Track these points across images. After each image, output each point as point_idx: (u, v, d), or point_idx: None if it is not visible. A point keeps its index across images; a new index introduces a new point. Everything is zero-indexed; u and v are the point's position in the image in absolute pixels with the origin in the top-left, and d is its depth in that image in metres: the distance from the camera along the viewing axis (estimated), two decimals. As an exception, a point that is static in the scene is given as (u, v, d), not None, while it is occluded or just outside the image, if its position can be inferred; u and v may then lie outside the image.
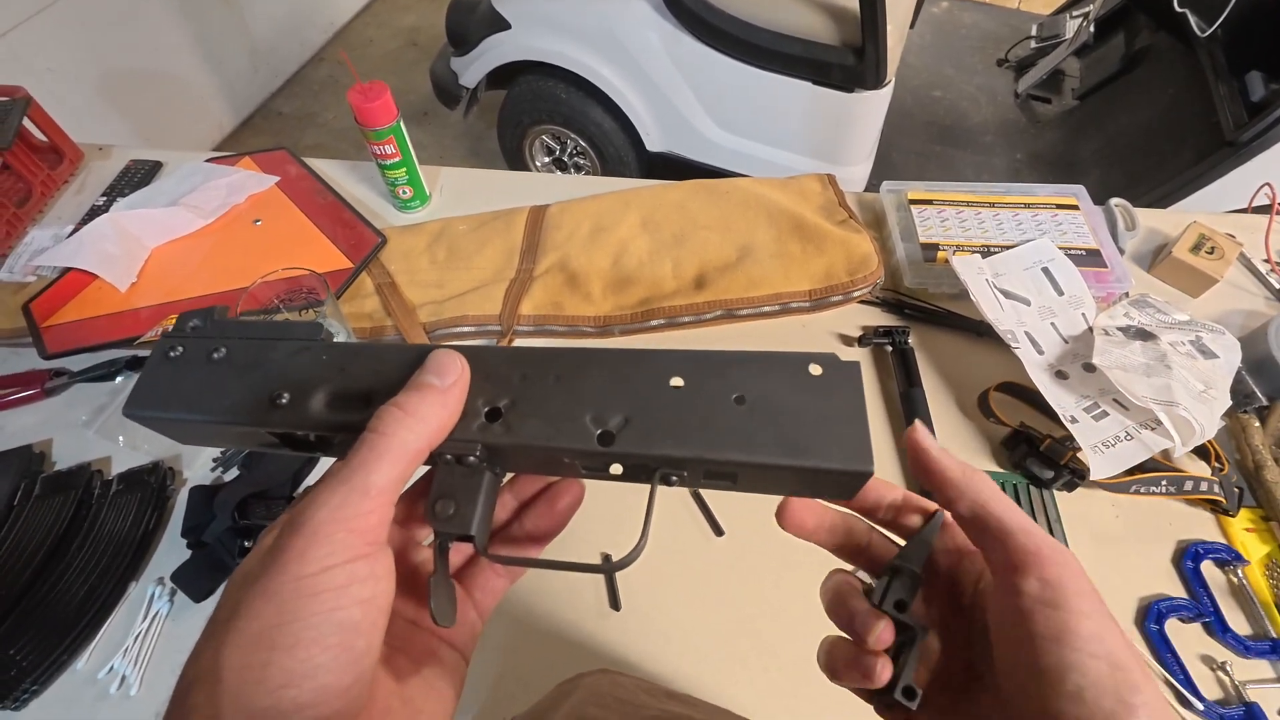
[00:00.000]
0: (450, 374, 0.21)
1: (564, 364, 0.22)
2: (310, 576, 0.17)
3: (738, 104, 1.47)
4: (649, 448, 0.21)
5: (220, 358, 0.24)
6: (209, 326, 0.25)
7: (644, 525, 0.21)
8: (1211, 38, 1.42)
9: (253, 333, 0.25)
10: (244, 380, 0.24)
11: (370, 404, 0.22)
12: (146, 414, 0.24)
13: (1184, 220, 0.79)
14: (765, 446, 0.20)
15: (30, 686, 0.50)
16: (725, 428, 0.21)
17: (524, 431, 0.22)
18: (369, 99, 0.74)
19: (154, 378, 0.24)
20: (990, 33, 2.14)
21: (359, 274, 0.75)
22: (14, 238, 0.81)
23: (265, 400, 0.23)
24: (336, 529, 0.18)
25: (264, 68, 2.32)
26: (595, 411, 0.21)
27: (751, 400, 0.21)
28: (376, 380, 0.23)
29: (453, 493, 0.22)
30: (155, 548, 0.58)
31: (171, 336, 0.25)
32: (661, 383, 0.22)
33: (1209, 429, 0.57)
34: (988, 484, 0.23)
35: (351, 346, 0.24)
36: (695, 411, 0.21)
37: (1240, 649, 0.53)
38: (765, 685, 0.52)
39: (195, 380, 0.24)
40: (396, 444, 0.20)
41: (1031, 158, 1.78)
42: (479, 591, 0.26)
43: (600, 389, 0.22)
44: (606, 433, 0.21)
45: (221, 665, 0.17)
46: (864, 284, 0.71)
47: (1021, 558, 0.20)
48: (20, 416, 0.66)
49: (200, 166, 0.85)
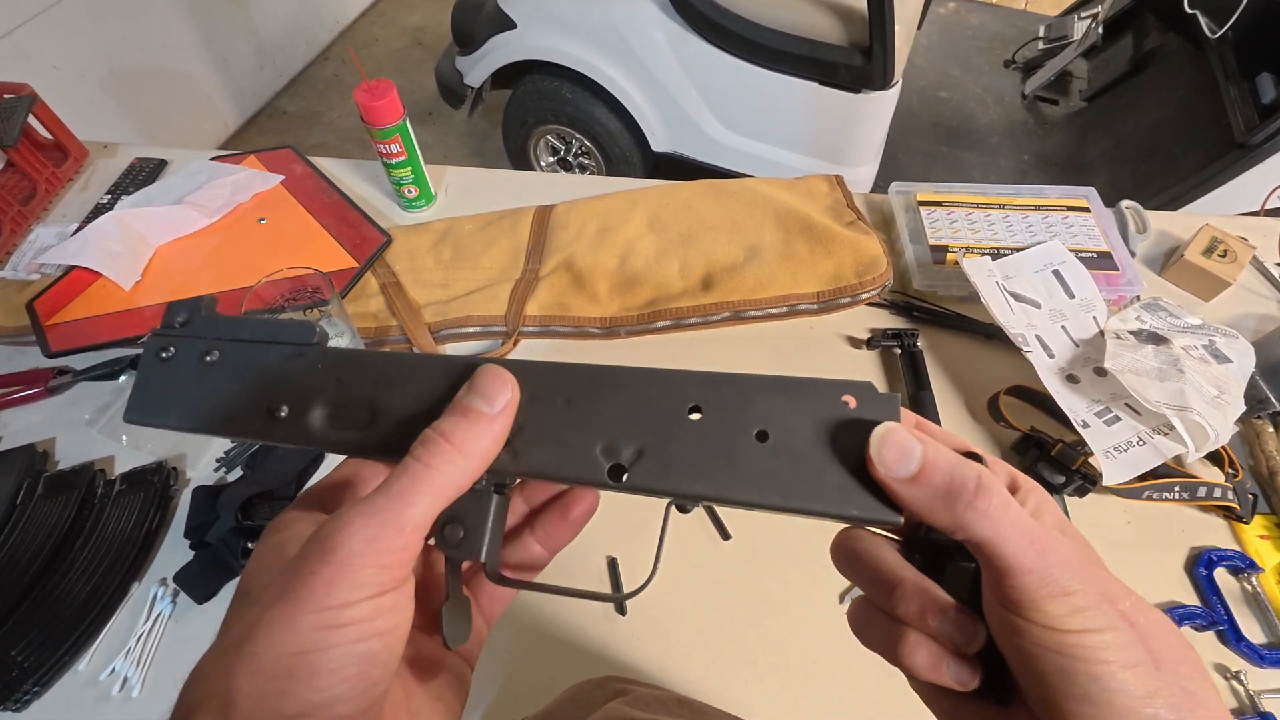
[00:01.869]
0: (500, 398, 0.20)
1: (575, 385, 0.21)
2: (335, 609, 0.17)
3: (744, 104, 1.47)
4: (662, 484, 0.20)
5: (213, 361, 0.23)
6: (199, 323, 0.24)
7: (656, 555, 0.21)
8: (1222, 39, 1.41)
9: (244, 333, 0.24)
10: (239, 387, 0.23)
11: (375, 419, 0.21)
12: (149, 421, 0.23)
13: (1195, 223, 0.78)
14: (784, 491, 0.19)
15: (32, 688, 0.50)
16: (744, 467, 0.20)
17: (531, 460, 0.21)
18: (375, 97, 0.73)
19: (149, 382, 0.24)
20: (997, 34, 2.13)
21: (364, 273, 0.74)
22: (18, 235, 0.80)
23: (263, 411, 0.22)
24: (367, 563, 0.17)
25: (270, 66, 2.32)
26: (606, 441, 0.21)
27: (775, 437, 0.20)
28: (389, 393, 0.22)
29: (461, 517, 0.21)
30: (158, 548, 0.58)
31: (161, 334, 0.24)
32: (678, 411, 0.21)
33: (1223, 434, 0.56)
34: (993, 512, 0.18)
35: (347, 354, 0.23)
36: (713, 446, 0.20)
37: (1254, 658, 0.52)
38: (774, 688, 0.52)
39: (190, 386, 0.23)
40: (441, 479, 0.19)
41: (1039, 159, 1.77)
42: (486, 599, 0.25)
43: (612, 416, 0.21)
44: (618, 465, 0.20)
45: (234, 690, 0.16)
46: (872, 286, 0.71)
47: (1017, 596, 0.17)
48: (23, 415, 0.66)
49: (205, 165, 0.85)
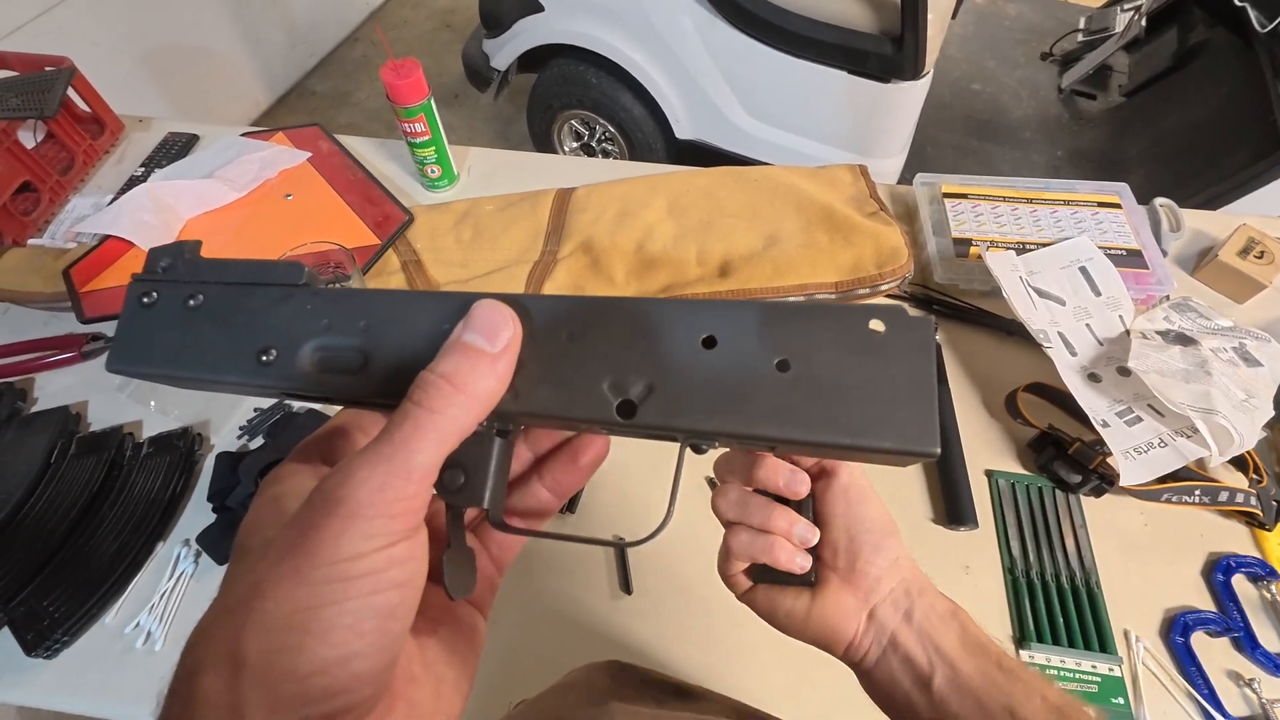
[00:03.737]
0: (502, 334, 0.19)
1: (578, 319, 0.20)
2: (346, 561, 0.16)
3: (771, 92, 1.45)
4: (675, 420, 0.19)
5: (197, 305, 0.22)
6: (182, 267, 0.23)
7: (670, 499, 0.19)
8: (1272, 34, 1.35)
9: (229, 275, 0.22)
10: (225, 331, 0.21)
11: (369, 362, 0.20)
12: (131, 369, 0.22)
13: (1232, 223, 0.76)
14: (811, 423, 0.18)
15: (61, 637, 0.52)
16: (764, 398, 0.18)
17: (534, 400, 0.19)
18: (401, 76, 0.74)
19: (131, 329, 0.22)
20: (1035, 25, 2.07)
21: (385, 250, 0.75)
22: (56, 205, 0.83)
23: (250, 356, 0.21)
24: (377, 513, 0.17)
25: (300, 46, 2.35)
26: (614, 377, 0.19)
27: (797, 365, 0.18)
28: (382, 334, 0.21)
29: (461, 462, 0.20)
30: (182, 510, 0.60)
31: (144, 280, 0.23)
32: (691, 342, 0.19)
33: (1249, 439, 0.55)
34: None
35: (337, 293, 0.22)
36: (730, 377, 0.19)
37: (1270, 666, 0.51)
38: (777, 674, 0.52)
39: (174, 332, 0.22)
40: (444, 423, 0.18)
41: (1073, 155, 1.73)
42: (496, 547, 0.24)
43: (620, 350, 0.19)
44: (627, 402, 0.19)
45: (244, 649, 0.15)
46: (892, 277, 0.70)
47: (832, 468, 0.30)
48: (59, 378, 0.69)
49: (235, 140, 0.87)
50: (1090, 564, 0.56)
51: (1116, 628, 0.54)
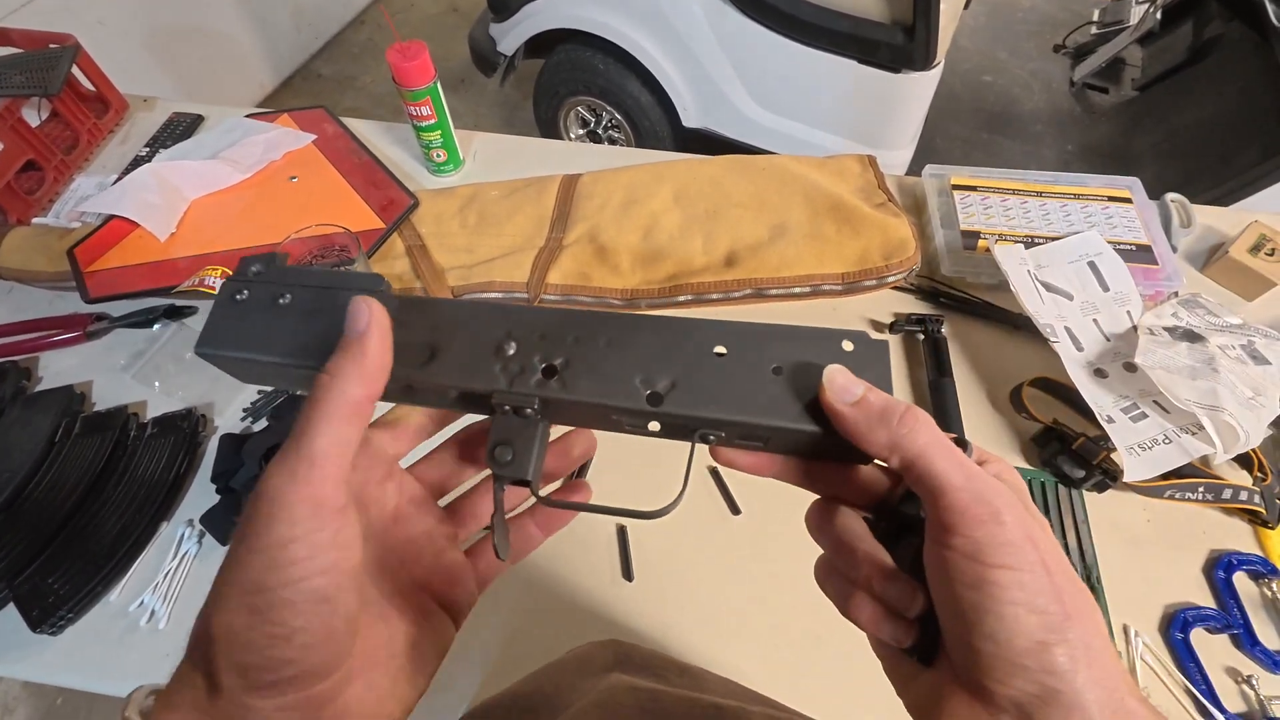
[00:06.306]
0: (359, 322, 0.22)
1: (614, 329, 0.24)
2: (273, 549, 0.18)
3: (779, 81, 1.44)
4: (694, 409, 0.23)
5: (285, 303, 0.25)
6: (271, 271, 0.26)
7: (685, 477, 0.24)
8: (1290, 28, 1.34)
9: (314, 280, 0.26)
10: (308, 324, 0.25)
11: (435, 357, 0.24)
12: (217, 353, 0.25)
13: (1244, 219, 0.75)
14: (799, 415, 0.22)
15: (66, 614, 0.53)
16: (764, 395, 0.23)
17: (579, 388, 0.23)
18: (407, 58, 0.73)
19: (222, 319, 0.25)
20: (1049, 16, 2.04)
21: (390, 234, 0.75)
22: (61, 184, 0.83)
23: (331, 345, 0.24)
24: (291, 500, 0.18)
25: (306, 28, 2.33)
26: (644, 375, 0.23)
27: (788, 371, 0.23)
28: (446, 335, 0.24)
29: (510, 440, 0.24)
30: (186, 490, 0.60)
31: (236, 280, 0.26)
32: (706, 351, 0.24)
33: (1254, 437, 0.55)
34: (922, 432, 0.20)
35: (411, 299, 0.25)
36: (737, 379, 0.23)
37: (1269, 663, 0.51)
38: (776, 661, 0.52)
39: (262, 323, 0.25)
40: (330, 407, 0.20)
41: (1084, 149, 1.71)
42: (483, 565, 0.27)
43: (649, 354, 0.24)
44: (655, 394, 0.23)
45: (213, 625, 0.18)
46: (899, 269, 0.69)
47: (950, 518, 0.19)
48: (63, 358, 0.69)
49: (240, 122, 0.86)
50: (1091, 559, 0.56)
51: (1116, 623, 0.54)
